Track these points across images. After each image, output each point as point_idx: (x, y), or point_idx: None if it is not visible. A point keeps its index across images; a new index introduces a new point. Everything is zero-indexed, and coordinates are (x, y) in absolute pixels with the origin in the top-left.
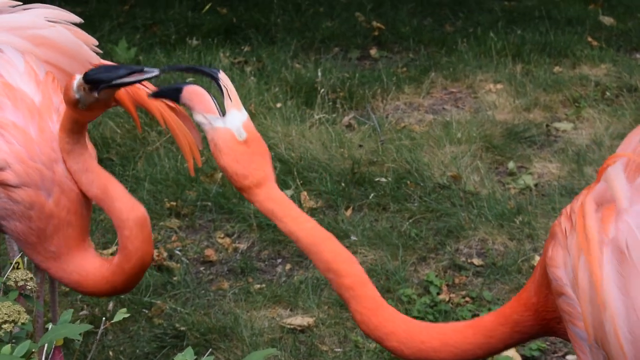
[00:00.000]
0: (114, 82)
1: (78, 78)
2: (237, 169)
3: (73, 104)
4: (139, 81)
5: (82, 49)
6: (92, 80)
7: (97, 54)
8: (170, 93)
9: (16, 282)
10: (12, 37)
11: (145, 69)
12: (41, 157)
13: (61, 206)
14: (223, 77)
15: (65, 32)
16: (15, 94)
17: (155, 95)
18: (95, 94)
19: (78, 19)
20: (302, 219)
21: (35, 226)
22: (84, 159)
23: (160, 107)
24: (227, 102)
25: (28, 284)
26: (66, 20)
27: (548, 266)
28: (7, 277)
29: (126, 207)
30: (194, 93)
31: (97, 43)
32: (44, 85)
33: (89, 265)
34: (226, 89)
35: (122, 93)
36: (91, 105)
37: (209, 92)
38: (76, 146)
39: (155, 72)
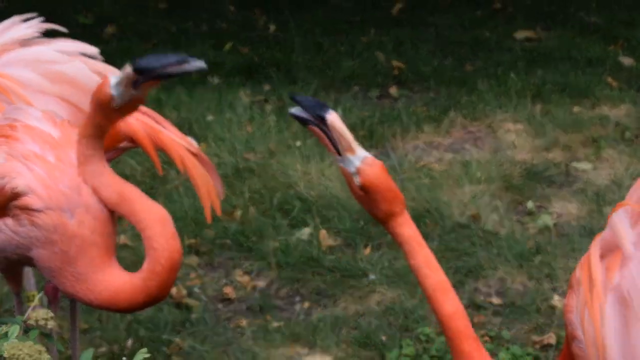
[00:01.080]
0: (166, 71)
1: (120, 73)
2: (361, 204)
3: (106, 103)
4: (187, 72)
5: (95, 81)
6: (145, 68)
7: None
8: (312, 119)
9: (37, 321)
10: (29, 73)
11: (190, 59)
12: (64, 180)
13: (85, 226)
14: (334, 118)
15: (82, 67)
16: (33, 131)
17: (295, 115)
18: (133, 91)
19: (95, 50)
20: (430, 260)
21: (59, 249)
22: (102, 164)
23: (180, 151)
24: (340, 146)
25: (48, 323)
26: (84, 52)
27: (564, 312)
28: (27, 317)
29: (144, 207)
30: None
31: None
32: (61, 125)
33: (118, 281)
34: (338, 133)
35: (141, 135)
36: (124, 106)
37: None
38: (95, 152)
39: (201, 63)
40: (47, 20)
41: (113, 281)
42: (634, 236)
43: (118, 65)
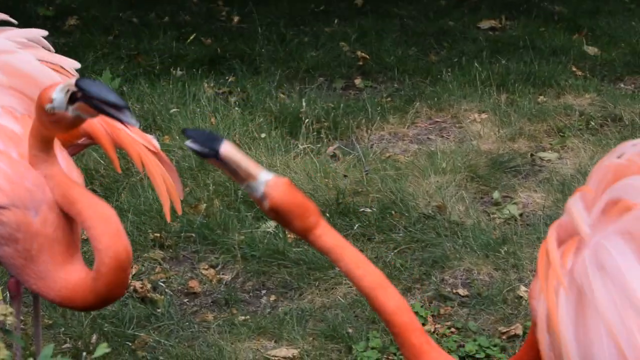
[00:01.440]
0: (97, 101)
1: (67, 82)
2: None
3: (42, 106)
4: (116, 118)
5: (50, 76)
6: (83, 88)
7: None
8: (205, 153)
9: None
10: None
11: (128, 113)
12: (28, 177)
13: (48, 223)
14: (227, 150)
15: (30, 59)
16: None
17: (191, 148)
18: (70, 108)
19: (41, 33)
20: (360, 261)
21: (21, 248)
22: (50, 166)
23: (139, 150)
24: (240, 175)
25: (8, 318)
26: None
27: (529, 299)
28: None
29: (87, 206)
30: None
31: (78, 66)
32: (22, 120)
33: (75, 278)
34: (234, 164)
35: (100, 133)
36: (59, 118)
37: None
38: (43, 153)
39: (135, 122)
40: (5, 12)
41: (71, 279)
42: (590, 219)
43: (81, 57)
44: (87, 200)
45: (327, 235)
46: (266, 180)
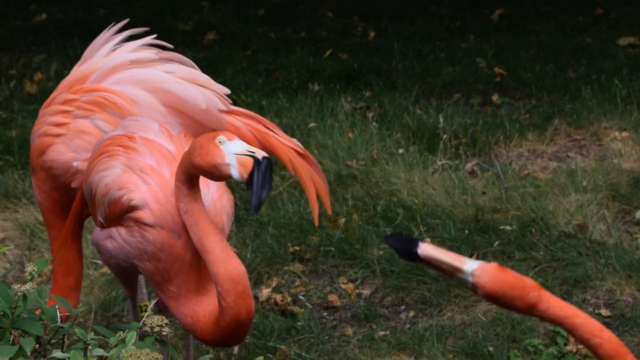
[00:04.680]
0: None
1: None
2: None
3: (217, 167)
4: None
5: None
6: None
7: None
8: (406, 257)
9: (152, 327)
10: (140, 91)
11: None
12: (174, 200)
13: (188, 249)
14: (426, 251)
15: (193, 90)
16: (151, 144)
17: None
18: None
19: (213, 84)
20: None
21: (162, 267)
22: (192, 202)
23: (289, 154)
24: (446, 270)
25: (164, 329)
26: (195, 80)
27: None
28: (143, 323)
29: (217, 260)
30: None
31: (228, 92)
32: (177, 139)
33: (201, 311)
34: (437, 261)
35: (250, 138)
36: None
37: None
38: (186, 188)
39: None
40: (145, 26)
41: (197, 310)
42: None
43: (220, 71)
44: (220, 254)
45: (555, 308)
46: (472, 270)
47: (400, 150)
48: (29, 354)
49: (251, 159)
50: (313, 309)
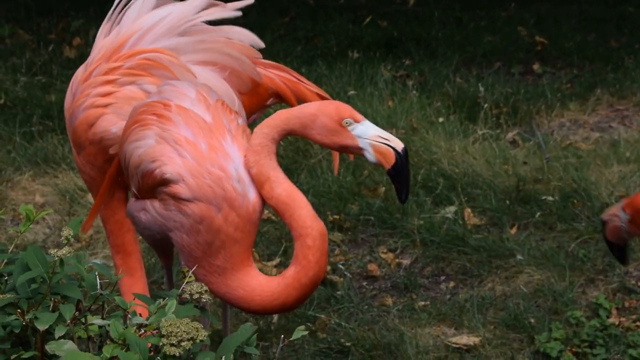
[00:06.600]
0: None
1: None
2: None
3: (338, 123)
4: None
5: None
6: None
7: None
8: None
9: (191, 294)
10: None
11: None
12: (212, 172)
13: (229, 222)
14: None
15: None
16: (187, 113)
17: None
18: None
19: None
20: None
21: (202, 240)
22: (276, 161)
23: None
24: None
25: (203, 296)
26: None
27: None
28: (182, 290)
29: (310, 215)
30: None
31: (262, 45)
32: (214, 109)
33: (254, 282)
34: None
35: (286, 92)
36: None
37: None
38: (274, 146)
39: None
40: None
41: (249, 281)
42: None
43: (257, 36)
44: (309, 209)
45: None
46: None
47: (441, 119)
48: (68, 320)
49: (391, 150)
50: (352, 279)
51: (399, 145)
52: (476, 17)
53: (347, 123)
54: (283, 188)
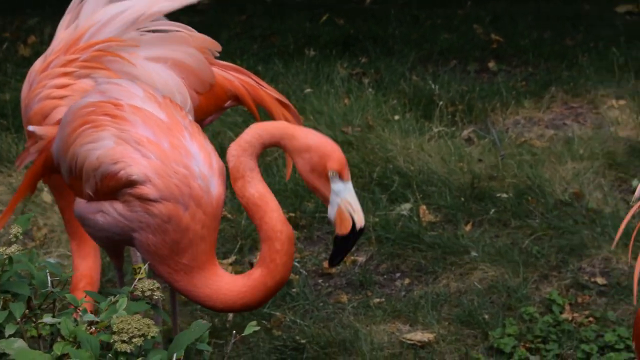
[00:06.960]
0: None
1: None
2: None
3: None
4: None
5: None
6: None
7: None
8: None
9: (143, 291)
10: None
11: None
12: (178, 172)
13: (197, 220)
14: None
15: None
16: (142, 113)
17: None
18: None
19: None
20: None
21: (169, 239)
22: (256, 163)
23: (281, 108)
24: None
25: (155, 293)
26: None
27: None
28: (134, 287)
29: (281, 220)
30: None
31: (220, 49)
32: (166, 106)
33: (220, 281)
34: None
35: (245, 94)
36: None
37: None
38: (257, 150)
39: None
40: None
41: (216, 280)
42: None
43: (215, 36)
44: (282, 214)
45: None
46: None
47: (396, 117)
48: (18, 318)
49: (351, 221)
50: (308, 276)
51: (360, 222)
52: (433, 15)
53: (332, 174)
54: (257, 189)
